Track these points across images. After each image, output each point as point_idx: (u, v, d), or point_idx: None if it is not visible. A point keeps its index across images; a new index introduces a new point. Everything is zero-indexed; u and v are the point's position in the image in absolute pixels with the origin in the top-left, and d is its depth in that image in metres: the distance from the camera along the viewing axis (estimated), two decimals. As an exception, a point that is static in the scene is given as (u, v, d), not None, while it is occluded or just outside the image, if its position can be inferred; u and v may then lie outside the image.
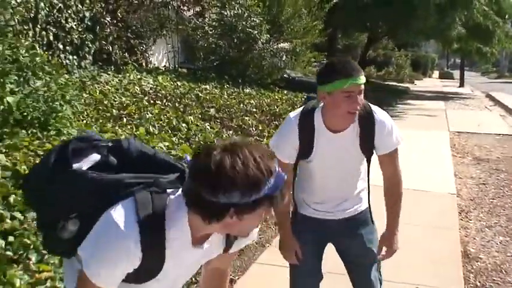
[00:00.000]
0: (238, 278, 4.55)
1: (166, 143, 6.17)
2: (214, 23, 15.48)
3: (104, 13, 12.40)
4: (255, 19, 14.74)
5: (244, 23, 14.59)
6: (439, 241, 5.70)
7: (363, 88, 2.63)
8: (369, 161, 2.93)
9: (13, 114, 6.03)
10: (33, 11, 9.64)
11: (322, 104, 2.77)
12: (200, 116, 8.61)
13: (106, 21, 12.37)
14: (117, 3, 13.48)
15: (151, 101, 9.26)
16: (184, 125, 7.51)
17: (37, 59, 6.29)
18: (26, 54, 6.31)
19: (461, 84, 38.47)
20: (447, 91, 32.21)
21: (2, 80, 6.21)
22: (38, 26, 9.82)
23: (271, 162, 1.59)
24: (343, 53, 40.93)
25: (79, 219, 1.71)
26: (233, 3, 15.04)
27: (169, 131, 7.09)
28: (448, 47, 31.29)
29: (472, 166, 9.49)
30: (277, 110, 10.72)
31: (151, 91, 10.24)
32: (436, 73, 59.66)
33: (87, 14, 11.41)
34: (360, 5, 21.41)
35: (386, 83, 34.38)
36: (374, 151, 2.89)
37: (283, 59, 16.05)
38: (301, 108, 2.89)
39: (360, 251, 3.04)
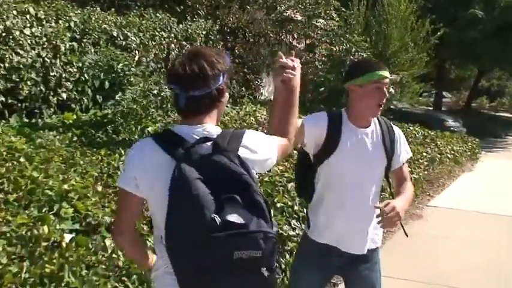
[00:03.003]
0: (340, 283, 5.35)
1: (281, 167, 7.09)
2: (323, 58, 16.37)
3: (224, 51, 13.69)
4: (362, 53, 15.44)
5: (352, 57, 15.33)
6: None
7: (387, 82, 2.94)
8: (387, 177, 3.14)
9: (154, 141, 7.27)
10: (165, 52, 11.07)
11: (344, 108, 3.07)
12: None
13: (225, 58, 13.62)
14: (235, 41, 14.75)
15: (265, 131, 10.24)
16: (295, 151, 8.42)
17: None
18: (166, 90, 7.56)
19: None
20: (561, 122, 31.16)
21: (145, 112, 7.49)
22: (169, 64, 11.21)
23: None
24: (454, 83, 40.53)
25: None
26: (341, 39, 15.87)
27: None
28: None
29: None
30: (381, 140, 11.36)
31: (265, 122, 11.24)
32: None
33: (210, 53, 12.74)
34: (467, 41, 21.57)
35: (498, 114, 33.70)
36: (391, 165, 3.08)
37: (390, 90, 16.61)
38: None
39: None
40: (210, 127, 2.15)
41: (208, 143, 2.05)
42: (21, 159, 5.89)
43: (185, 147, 2.04)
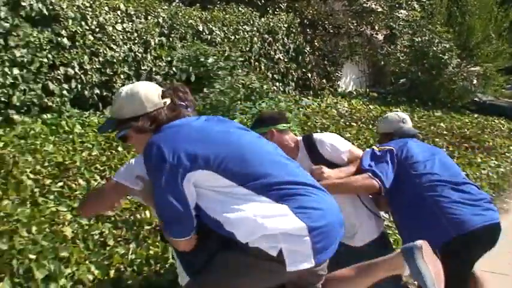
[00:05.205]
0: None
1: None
2: (405, 49, 16.17)
3: (304, 44, 13.77)
4: (445, 45, 15.16)
5: (435, 48, 15.08)
6: None
7: (270, 134, 3.37)
8: None
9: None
10: (249, 45, 11.27)
11: None
12: (393, 136, 9.42)
13: (305, 51, 13.72)
14: (315, 33, 14.77)
15: (347, 123, 10.26)
16: (379, 144, 8.42)
17: (265, 87, 7.70)
18: (256, 82, 7.76)
19: None
20: None
21: (232, 104, 7.70)
22: (253, 57, 11.41)
23: None
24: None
25: None
26: (424, 30, 15.63)
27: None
28: None
29: None
30: (468, 133, 11.13)
31: (346, 114, 11.26)
32: None
33: (291, 46, 12.88)
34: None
35: None
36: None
37: (474, 82, 16.21)
38: None
39: None
40: None
41: None
42: (119, 149, 6.20)
43: None
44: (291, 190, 2.28)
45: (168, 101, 2.44)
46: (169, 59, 9.37)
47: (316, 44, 14.61)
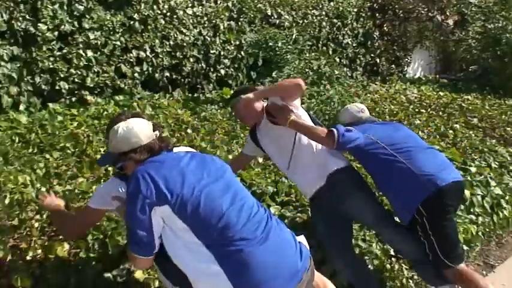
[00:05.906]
0: (497, 265, 5.25)
1: (436, 147, 6.97)
2: (477, 36, 15.66)
3: (373, 28, 13.54)
4: (519, 31, 14.61)
5: (508, 35, 14.54)
6: None
7: (237, 105, 3.79)
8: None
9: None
10: (317, 30, 11.18)
11: None
12: (464, 124, 9.20)
13: (374, 36, 13.51)
14: (384, 17, 14.50)
15: (416, 110, 10.05)
16: (451, 131, 8.23)
17: (336, 72, 7.64)
18: (326, 67, 7.71)
19: None
20: None
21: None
22: (320, 42, 11.32)
23: None
24: None
25: None
26: (497, 16, 15.08)
27: (438, 137, 7.89)
28: None
29: None
30: (541, 123, 10.73)
31: (416, 100, 11.03)
32: None
33: (360, 30, 12.69)
34: None
35: None
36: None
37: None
38: None
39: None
40: None
41: None
42: (189, 131, 6.31)
43: None
44: (233, 247, 2.43)
45: (157, 132, 2.78)
46: (237, 43, 9.44)
47: (385, 28, 14.33)
